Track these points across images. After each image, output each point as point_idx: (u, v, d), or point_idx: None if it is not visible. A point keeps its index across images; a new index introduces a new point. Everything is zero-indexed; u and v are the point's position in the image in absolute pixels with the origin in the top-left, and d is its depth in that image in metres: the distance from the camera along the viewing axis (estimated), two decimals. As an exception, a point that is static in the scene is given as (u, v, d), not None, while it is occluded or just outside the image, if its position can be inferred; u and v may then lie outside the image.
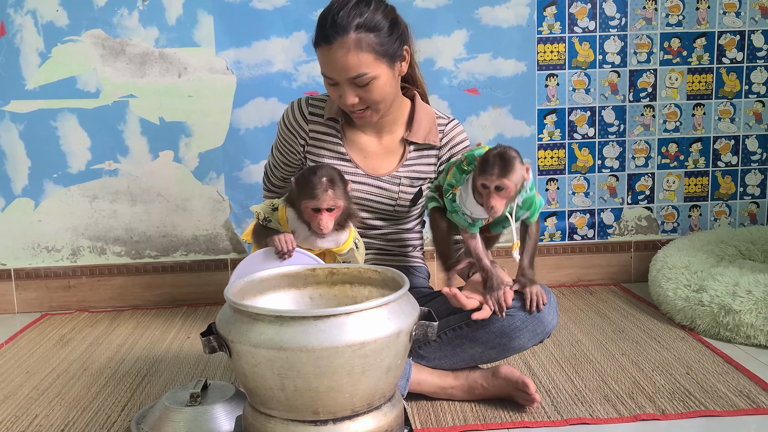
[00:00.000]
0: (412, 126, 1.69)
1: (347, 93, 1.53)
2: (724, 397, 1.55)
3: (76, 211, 2.37)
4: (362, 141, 1.70)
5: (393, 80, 1.58)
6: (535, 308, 1.48)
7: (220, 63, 2.33)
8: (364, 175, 1.67)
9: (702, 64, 2.44)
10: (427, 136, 1.69)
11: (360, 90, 1.54)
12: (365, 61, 1.49)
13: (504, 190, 1.37)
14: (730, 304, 1.88)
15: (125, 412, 1.57)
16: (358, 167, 1.68)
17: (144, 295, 2.41)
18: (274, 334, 0.98)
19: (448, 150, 1.72)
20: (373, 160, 1.69)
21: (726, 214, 2.54)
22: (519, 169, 1.38)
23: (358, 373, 1.00)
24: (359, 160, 1.68)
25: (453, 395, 1.57)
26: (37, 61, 2.28)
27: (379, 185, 1.68)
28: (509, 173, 1.36)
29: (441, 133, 1.71)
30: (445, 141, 1.71)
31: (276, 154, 1.79)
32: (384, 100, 1.58)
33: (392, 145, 1.71)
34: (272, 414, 1.05)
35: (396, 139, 1.70)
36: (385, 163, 1.70)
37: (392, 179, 1.68)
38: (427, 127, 1.70)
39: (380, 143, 1.70)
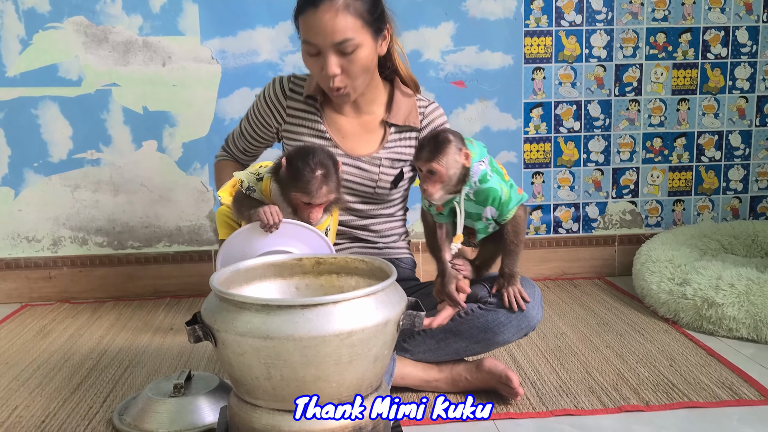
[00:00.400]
0: (391, 108, 1.68)
1: (330, 62, 1.50)
2: (707, 389, 1.56)
3: (58, 201, 2.34)
4: (341, 121, 1.68)
5: (374, 55, 1.57)
6: (516, 308, 1.48)
7: (205, 52, 2.30)
8: (344, 155, 1.65)
9: (687, 59, 2.45)
10: (408, 118, 1.68)
11: (343, 59, 1.51)
12: (352, 26, 1.48)
13: (434, 174, 1.34)
14: (713, 297, 1.89)
15: (107, 403, 1.55)
16: (338, 146, 1.66)
17: (126, 286, 2.38)
18: (261, 323, 0.97)
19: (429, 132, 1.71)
20: (351, 140, 1.68)
21: (709, 209, 2.56)
22: (452, 154, 1.33)
23: (346, 363, 0.99)
24: (338, 139, 1.67)
25: (437, 388, 1.57)
26: (18, 47, 2.25)
27: (358, 165, 1.66)
28: (437, 157, 1.33)
29: (421, 116, 1.70)
30: (426, 123, 1.70)
31: (245, 125, 1.77)
32: (364, 74, 1.56)
33: (372, 125, 1.69)
34: (258, 404, 1.03)
35: (375, 120, 1.69)
36: (365, 144, 1.68)
37: (372, 160, 1.66)
38: (407, 109, 1.69)
39: (359, 123, 1.69)
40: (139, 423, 1.41)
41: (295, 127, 1.68)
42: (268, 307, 0.97)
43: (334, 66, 1.51)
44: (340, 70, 1.53)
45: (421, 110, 1.71)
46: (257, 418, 1.03)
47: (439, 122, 1.72)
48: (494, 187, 1.38)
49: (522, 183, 2.47)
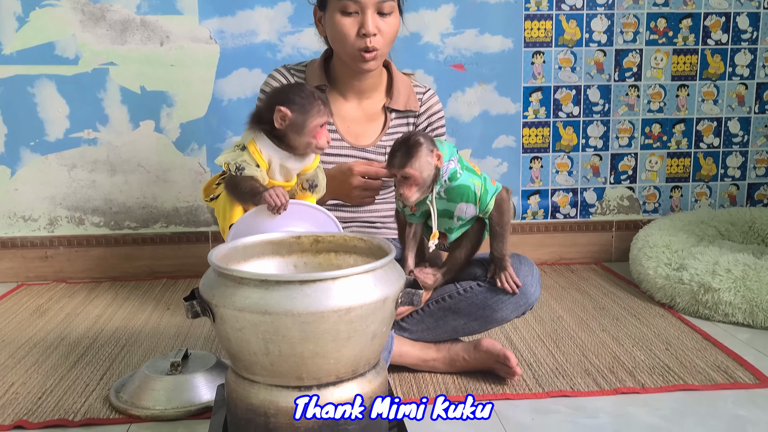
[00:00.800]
0: (392, 93, 1.69)
1: (370, 20, 1.54)
2: (703, 372, 1.57)
3: (54, 180, 2.33)
4: (344, 108, 1.69)
5: (399, 26, 1.62)
6: (510, 291, 1.48)
7: (203, 32, 2.28)
8: (349, 147, 1.66)
9: (687, 45, 2.44)
10: (407, 103, 1.70)
11: (380, 20, 1.56)
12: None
13: (409, 179, 1.35)
14: (709, 282, 1.90)
15: (104, 380, 1.55)
16: (343, 140, 1.66)
17: (123, 266, 2.38)
18: (259, 298, 0.96)
19: (426, 119, 1.73)
20: (354, 127, 1.68)
21: (707, 196, 2.56)
22: (424, 157, 1.35)
23: (344, 339, 0.99)
24: (343, 129, 1.68)
25: (435, 367, 1.57)
26: (15, 25, 2.22)
27: (365, 156, 1.67)
28: (410, 162, 1.34)
29: (420, 101, 1.72)
30: (424, 109, 1.73)
31: None
32: (391, 42, 1.61)
33: (372, 111, 1.70)
34: (256, 380, 1.03)
35: (376, 105, 1.70)
36: (368, 132, 1.69)
37: (377, 149, 1.67)
38: (406, 94, 1.71)
39: (361, 109, 1.70)
40: (135, 400, 1.41)
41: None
42: (266, 283, 0.97)
43: (373, 25, 1.55)
44: (377, 31, 1.56)
45: (419, 96, 1.72)
46: (255, 394, 1.03)
47: (435, 109, 1.74)
48: (465, 183, 1.40)
49: (520, 167, 2.47)
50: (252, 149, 1.44)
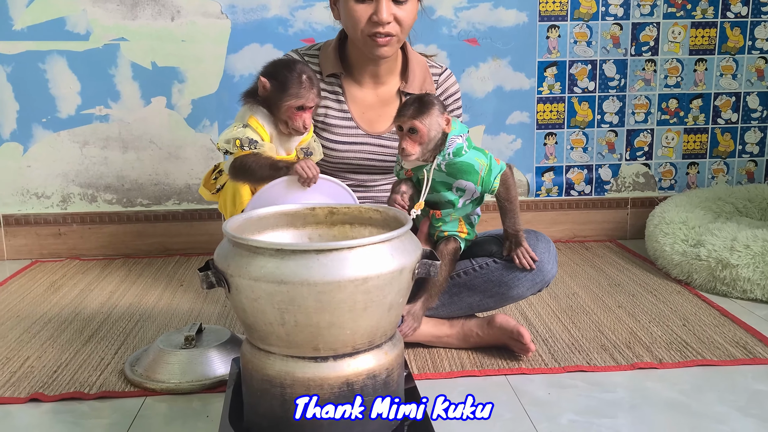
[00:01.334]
0: (407, 76, 1.66)
1: (385, 6, 1.50)
2: (721, 348, 1.55)
3: (66, 157, 2.32)
4: (359, 95, 1.67)
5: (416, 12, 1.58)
6: (528, 267, 1.46)
7: (214, 7, 2.26)
8: (365, 135, 1.65)
9: (706, 18, 2.39)
10: (423, 86, 1.67)
11: (395, 7, 1.52)
12: None
13: (416, 133, 1.34)
14: (727, 258, 1.87)
15: (118, 355, 1.55)
16: (359, 127, 1.65)
17: (135, 243, 2.38)
18: (275, 267, 0.95)
19: (443, 100, 1.70)
20: (370, 113, 1.66)
21: (724, 172, 2.52)
22: (435, 116, 1.35)
23: (360, 310, 0.98)
24: (358, 116, 1.66)
25: (448, 343, 1.56)
26: (25, 0, 2.21)
27: (380, 144, 1.65)
28: (422, 115, 1.34)
29: (435, 84, 1.69)
30: (440, 91, 1.70)
31: None
32: (407, 28, 1.57)
33: (388, 96, 1.68)
34: (272, 350, 1.02)
35: (391, 90, 1.68)
36: (383, 117, 1.67)
37: (392, 135, 1.65)
38: (422, 77, 1.67)
39: (376, 95, 1.67)
40: (150, 374, 1.41)
41: (320, 108, 1.65)
42: (282, 252, 0.96)
43: (388, 13, 1.51)
44: (392, 18, 1.52)
45: (435, 78, 1.69)
46: (270, 365, 1.02)
47: (452, 90, 1.71)
48: (468, 161, 1.38)
49: (534, 144, 2.44)
50: (254, 124, 1.44)
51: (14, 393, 1.38)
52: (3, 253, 2.35)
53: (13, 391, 1.38)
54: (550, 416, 1.27)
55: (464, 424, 1.23)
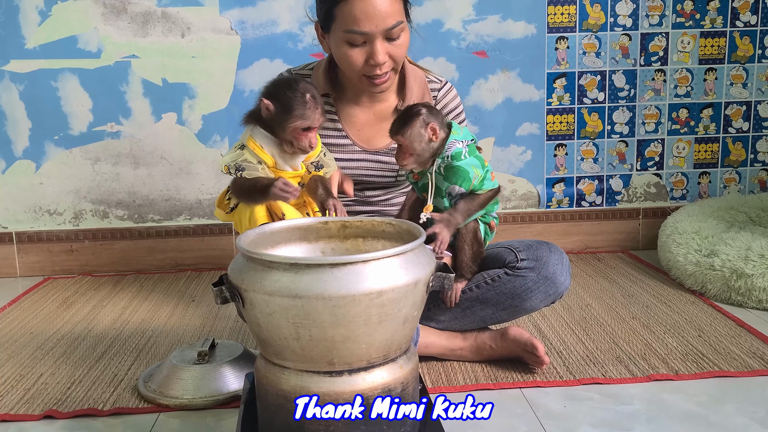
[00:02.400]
0: (404, 93, 1.63)
1: (379, 49, 1.47)
2: (738, 359, 1.53)
3: (78, 174, 2.33)
4: (355, 113, 1.64)
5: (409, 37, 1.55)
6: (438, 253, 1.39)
7: (224, 23, 2.28)
8: (362, 151, 1.63)
9: (715, 27, 2.39)
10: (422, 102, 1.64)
11: (389, 46, 1.49)
12: (399, 9, 1.48)
13: (402, 146, 1.40)
14: (742, 268, 1.86)
15: (131, 371, 1.55)
16: (355, 144, 1.63)
17: (147, 259, 2.38)
18: (290, 281, 0.95)
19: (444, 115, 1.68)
20: (366, 131, 1.64)
21: (736, 181, 2.51)
22: (417, 128, 1.38)
23: (375, 323, 0.98)
24: (354, 134, 1.64)
25: (462, 356, 1.55)
26: (37, 19, 2.23)
27: (378, 160, 1.64)
28: (403, 129, 1.38)
29: (435, 99, 1.66)
30: (440, 106, 1.66)
31: None
32: (402, 59, 1.55)
33: (385, 114, 1.65)
34: (286, 365, 1.02)
35: (389, 108, 1.65)
36: (380, 135, 1.64)
37: (390, 151, 1.63)
38: (420, 93, 1.64)
39: (372, 113, 1.65)
40: (164, 390, 1.41)
41: None
42: (296, 266, 0.95)
43: (383, 54, 1.49)
44: (388, 57, 1.50)
45: (434, 93, 1.66)
46: (285, 380, 1.02)
47: (453, 105, 1.68)
48: (464, 167, 1.40)
49: (544, 155, 2.43)
50: (252, 146, 1.43)
51: (28, 410, 1.38)
52: (16, 270, 2.37)
53: (27, 408, 1.38)
54: (567, 429, 1.26)
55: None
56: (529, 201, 2.46)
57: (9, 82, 2.26)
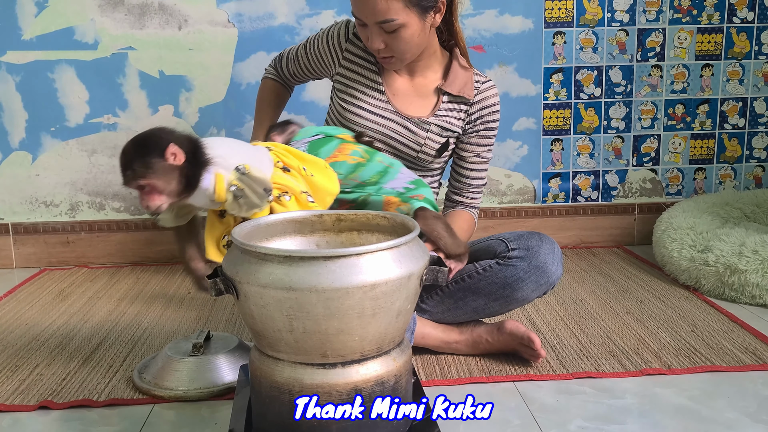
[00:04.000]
0: (448, 76, 1.64)
1: (374, 37, 1.50)
2: (730, 354, 1.54)
3: (75, 166, 2.33)
4: (395, 79, 1.65)
5: (423, 31, 1.52)
6: None
7: (221, 15, 2.27)
8: (394, 112, 1.62)
9: (712, 23, 2.39)
10: (462, 89, 1.63)
11: (387, 36, 1.50)
12: (394, 7, 1.45)
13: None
14: (736, 263, 1.87)
15: (127, 362, 1.56)
16: (389, 102, 1.63)
17: (143, 251, 2.39)
18: (284, 274, 0.95)
19: (479, 110, 1.65)
20: (403, 99, 1.64)
21: (731, 177, 2.51)
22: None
23: (368, 316, 0.98)
24: (390, 95, 1.64)
25: (457, 350, 1.56)
26: (34, 10, 2.23)
27: (407, 126, 1.62)
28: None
29: (476, 90, 1.65)
30: (479, 99, 1.65)
31: (302, 52, 1.72)
32: (410, 50, 1.54)
33: (425, 90, 1.65)
34: (280, 357, 1.03)
35: (430, 85, 1.65)
36: (416, 107, 1.64)
37: (422, 124, 1.62)
38: (463, 81, 1.64)
39: (412, 85, 1.65)
40: (159, 381, 1.42)
41: (350, 73, 1.65)
42: (290, 259, 0.96)
43: (378, 42, 1.51)
44: (383, 46, 1.51)
45: (477, 84, 1.66)
46: (279, 371, 1.02)
47: (491, 101, 1.67)
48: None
49: (541, 150, 2.44)
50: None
51: (23, 401, 1.38)
52: (12, 261, 2.37)
53: (22, 399, 1.39)
54: (559, 423, 1.27)
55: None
56: (525, 196, 2.47)
57: (5, 74, 2.26)
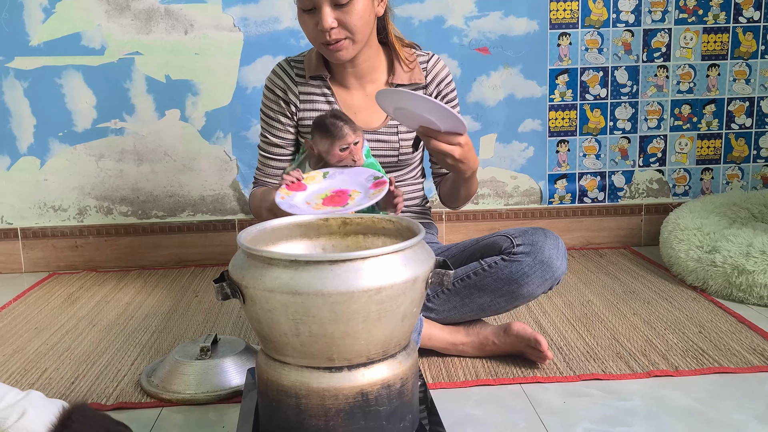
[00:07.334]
0: (394, 69, 1.64)
1: (325, 15, 1.47)
2: (738, 355, 1.54)
3: (83, 171, 2.35)
4: (348, 96, 1.65)
5: (371, 11, 1.53)
6: None
7: (226, 20, 2.28)
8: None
9: (718, 23, 2.39)
10: (411, 77, 1.64)
11: (338, 12, 1.48)
12: None
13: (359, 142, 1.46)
14: (743, 264, 1.86)
15: (135, 366, 1.57)
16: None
17: (151, 255, 2.40)
18: (289, 278, 0.96)
19: (435, 86, 1.67)
20: (362, 113, 1.64)
21: (738, 178, 2.51)
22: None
23: (374, 320, 0.98)
24: (351, 116, 1.64)
25: (464, 351, 1.56)
26: (41, 16, 2.24)
27: (377, 138, 1.64)
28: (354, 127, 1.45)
29: (424, 71, 1.66)
30: (430, 78, 1.66)
31: (267, 140, 1.69)
32: (361, 29, 1.52)
33: None
34: (286, 361, 1.03)
35: (380, 88, 1.65)
36: (376, 116, 1.65)
37: (389, 129, 1.64)
38: (410, 68, 1.65)
39: (365, 95, 1.65)
40: (166, 385, 1.42)
41: (310, 113, 1.64)
42: (296, 263, 0.96)
43: (330, 19, 1.48)
44: (336, 23, 1.49)
45: (423, 65, 1.66)
46: (286, 375, 1.03)
47: (443, 75, 1.68)
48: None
49: (547, 151, 2.44)
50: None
51: (33, 404, 1.39)
52: (21, 265, 2.38)
53: (31, 403, 1.40)
54: (566, 425, 1.27)
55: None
56: (532, 197, 2.47)
57: (13, 79, 2.28)
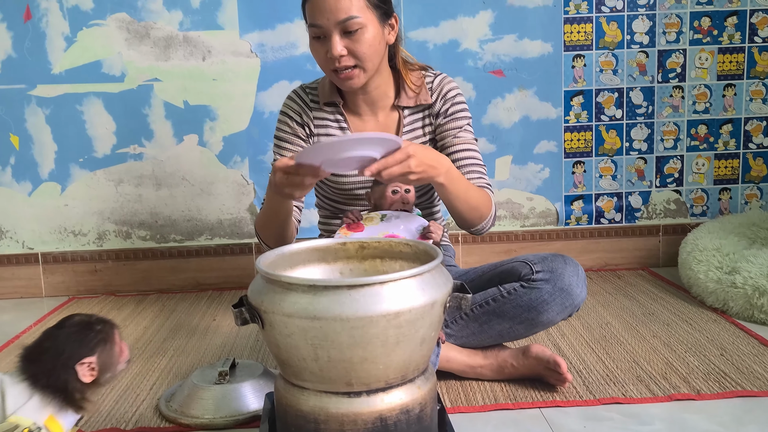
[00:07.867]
0: (401, 93, 1.64)
1: (335, 42, 1.48)
2: (762, 378, 1.51)
3: (102, 195, 2.38)
4: (360, 123, 1.65)
5: (381, 40, 1.53)
6: None
7: (244, 46, 2.32)
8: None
9: (733, 43, 2.39)
10: (418, 98, 1.64)
11: (348, 40, 1.49)
12: (357, 4, 1.47)
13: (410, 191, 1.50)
14: (765, 285, 1.84)
15: (153, 390, 1.57)
16: None
17: (169, 279, 2.42)
18: (308, 303, 0.96)
19: (441, 104, 1.64)
20: None
21: (757, 197, 2.49)
22: None
23: (393, 344, 0.99)
24: None
25: (482, 374, 1.55)
26: (63, 45, 2.29)
27: None
28: None
29: (430, 91, 1.65)
30: (436, 96, 1.65)
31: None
32: (371, 57, 1.52)
33: (389, 121, 1.66)
34: (305, 386, 1.03)
35: (392, 114, 1.66)
36: None
37: None
38: (417, 89, 1.65)
39: (377, 122, 1.66)
40: (185, 409, 1.43)
41: (324, 138, 1.64)
42: (315, 288, 0.97)
43: (339, 47, 1.48)
44: (345, 51, 1.50)
45: (429, 85, 1.66)
46: (305, 400, 1.03)
47: (448, 89, 1.65)
48: None
49: (562, 173, 2.44)
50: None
51: (53, 429, 1.40)
52: (41, 290, 2.41)
53: (52, 428, 1.41)
54: (587, 450, 1.26)
55: (499, 459, 1.22)
56: (548, 218, 2.46)
57: (36, 107, 2.32)
